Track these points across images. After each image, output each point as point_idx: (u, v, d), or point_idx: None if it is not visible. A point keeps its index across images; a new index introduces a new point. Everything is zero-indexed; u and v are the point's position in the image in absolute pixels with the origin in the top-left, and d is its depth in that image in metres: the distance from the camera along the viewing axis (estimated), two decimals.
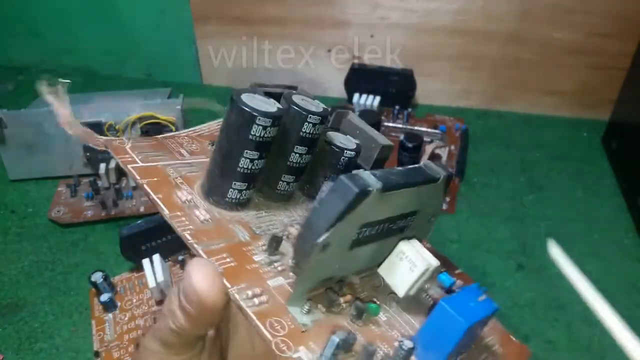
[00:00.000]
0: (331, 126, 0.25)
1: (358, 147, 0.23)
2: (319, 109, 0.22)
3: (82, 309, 0.43)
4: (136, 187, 0.53)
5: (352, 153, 0.23)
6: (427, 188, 0.20)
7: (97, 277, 0.40)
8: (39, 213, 0.53)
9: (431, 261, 0.20)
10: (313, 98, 0.23)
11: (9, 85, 0.78)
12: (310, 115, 0.21)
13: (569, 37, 0.65)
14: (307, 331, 0.17)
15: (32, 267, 0.47)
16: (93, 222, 0.52)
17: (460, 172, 0.58)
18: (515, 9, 0.64)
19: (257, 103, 0.20)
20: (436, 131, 0.62)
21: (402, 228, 0.21)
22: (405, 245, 0.21)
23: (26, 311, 0.43)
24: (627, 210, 0.54)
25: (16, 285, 0.45)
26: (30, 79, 0.80)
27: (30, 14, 0.78)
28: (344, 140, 0.24)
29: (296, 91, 0.23)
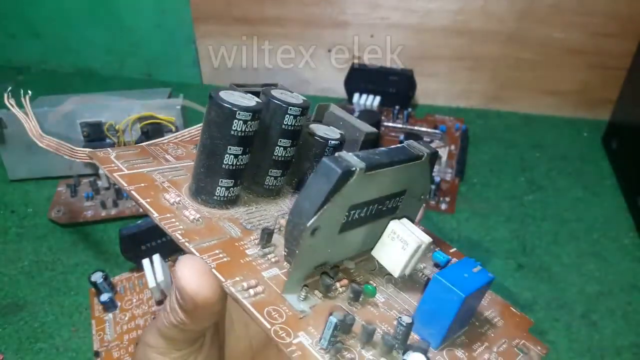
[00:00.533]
0: (314, 120, 0.25)
1: (342, 137, 0.24)
2: (299, 101, 0.22)
3: (82, 309, 0.43)
4: None
5: (337, 142, 0.23)
6: (413, 167, 0.20)
7: (97, 277, 0.40)
8: (39, 213, 0.53)
9: (423, 238, 0.20)
10: (291, 92, 0.23)
11: (9, 85, 0.78)
12: (290, 107, 0.21)
13: (569, 37, 0.65)
14: (306, 317, 0.18)
15: (32, 267, 0.47)
16: (93, 222, 0.52)
17: (460, 172, 0.58)
18: (515, 9, 0.64)
19: (236, 99, 0.20)
20: (436, 131, 0.62)
21: (393, 209, 0.21)
22: (395, 224, 0.21)
23: (26, 311, 0.43)
24: (627, 210, 0.54)
25: (16, 285, 0.45)
26: (30, 79, 0.80)
27: (30, 14, 0.78)
28: (328, 131, 0.24)
29: (274, 86, 0.23)
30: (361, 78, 0.67)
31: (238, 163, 0.21)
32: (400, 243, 0.20)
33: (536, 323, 0.42)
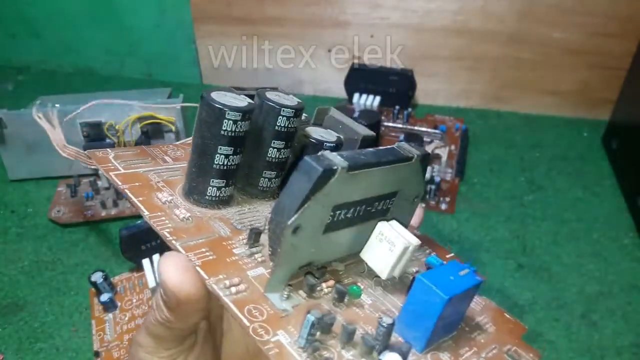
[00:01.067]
0: (314, 123, 0.25)
1: (339, 140, 0.24)
2: (293, 103, 0.22)
3: (82, 309, 0.43)
4: None
5: (332, 145, 0.23)
6: (402, 168, 0.20)
7: (97, 277, 0.40)
8: (39, 213, 0.53)
9: (410, 239, 0.20)
10: (288, 94, 0.23)
11: (9, 85, 0.78)
12: (283, 108, 0.21)
13: (569, 37, 0.65)
14: (287, 316, 0.18)
15: (32, 267, 0.47)
16: (93, 222, 0.52)
17: (460, 172, 0.58)
18: (515, 9, 0.64)
19: (227, 99, 0.20)
20: (436, 131, 0.62)
21: (384, 211, 0.21)
22: (383, 226, 0.20)
23: (26, 311, 0.43)
24: (627, 210, 0.54)
25: (16, 285, 0.45)
26: (30, 79, 0.80)
27: (30, 14, 0.78)
28: (324, 134, 0.24)
29: (274, 90, 0.23)
30: (361, 78, 0.67)
31: (229, 163, 0.21)
32: (387, 245, 0.20)
33: (536, 323, 0.42)
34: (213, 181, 0.21)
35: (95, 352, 0.37)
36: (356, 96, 0.67)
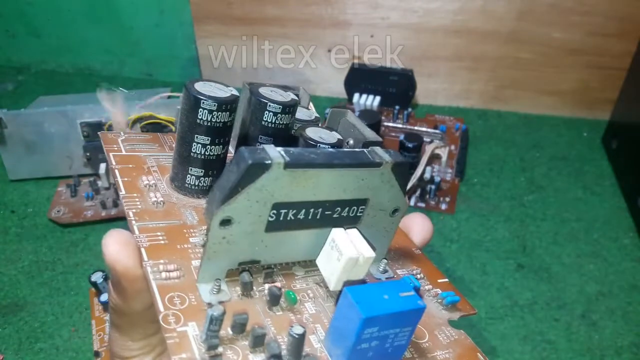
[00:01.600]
0: (327, 125, 0.25)
1: (339, 142, 0.23)
2: (286, 99, 0.22)
3: (82, 309, 0.43)
4: None
5: (327, 146, 0.22)
6: (368, 174, 0.18)
7: (97, 277, 0.40)
8: (39, 213, 0.53)
9: (362, 251, 0.18)
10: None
11: (9, 85, 0.78)
12: (269, 104, 0.21)
13: (569, 37, 0.65)
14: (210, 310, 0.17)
15: (32, 267, 0.47)
16: (93, 222, 0.52)
17: (460, 172, 0.58)
18: (515, 9, 0.64)
19: (209, 89, 0.20)
20: (436, 131, 0.62)
21: (352, 219, 0.19)
22: (338, 233, 0.19)
23: (26, 311, 0.43)
24: (627, 210, 0.54)
25: (16, 285, 0.45)
26: (30, 79, 0.80)
27: (30, 14, 0.78)
28: (325, 135, 0.23)
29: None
30: (361, 78, 0.67)
31: (207, 153, 0.21)
32: (336, 253, 0.18)
33: (536, 323, 0.42)
34: (191, 169, 0.21)
35: (95, 352, 0.37)
36: (356, 96, 0.67)
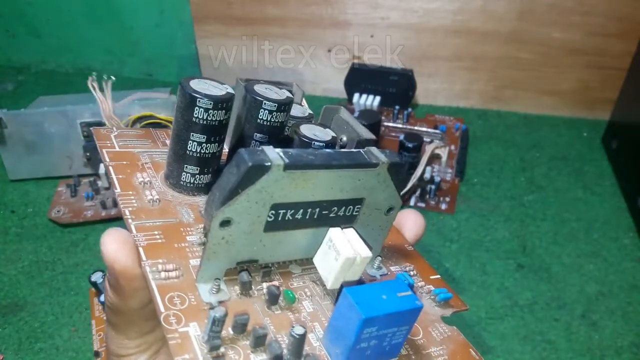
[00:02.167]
0: (321, 122, 0.25)
1: (333, 140, 0.23)
2: (281, 97, 0.22)
3: (82, 309, 0.43)
4: None
5: (322, 144, 0.22)
6: (364, 174, 0.18)
7: (97, 277, 0.40)
8: (39, 213, 0.53)
9: (359, 251, 0.18)
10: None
11: (9, 85, 0.78)
12: (265, 101, 0.21)
13: (569, 37, 0.65)
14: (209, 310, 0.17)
15: (32, 267, 0.47)
16: (93, 222, 0.52)
17: (460, 172, 0.58)
18: (515, 9, 0.64)
19: (205, 88, 0.20)
20: (436, 131, 0.62)
21: (348, 218, 0.20)
22: (335, 232, 0.19)
23: (26, 311, 0.43)
24: (627, 210, 0.54)
25: (16, 285, 0.45)
26: (30, 79, 0.80)
27: (30, 14, 0.78)
28: (319, 132, 0.23)
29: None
30: (361, 78, 0.67)
31: (202, 151, 0.21)
32: (334, 253, 0.19)
33: (536, 323, 0.42)
34: (187, 167, 0.21)
35: (95, 352, 0.37)
36: (356, 96, 0.67)
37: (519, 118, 0.70)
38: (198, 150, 0.21)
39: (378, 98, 0.66)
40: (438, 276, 0.23)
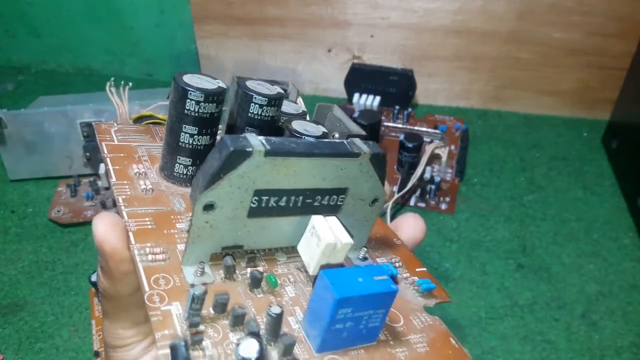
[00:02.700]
0: (314, 119, 0.25)
1: (324, 135, 0.23)
2: (272, 92, 0.22)
3: (82, 309, 0.43)
4: None
5: (312, 139, 0.22)
6: (347, 164, 0.19)
7: (97, 277, 0.40)
8: (39, 213, 0.53)
9: (340, 237, 0.19)
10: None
11: (9, 85, 0.78)
12: (255, 96, 0.22)
13: (569, 37, 0.65)
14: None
15: (32, 267, 0.47)
16: None
17: (460, 172, 0.58)
18: (515, 9, 0.64)
19: (197, 82, 0.21)
20: (436, 131, 0.62)
21: (333, 207, 0.20)
22: (318, 220, 0.20)
23: (26, 311, 0.43)
24: (627, 210, 0.54)
25: (16, 285, 0.45)
26: (30, 79, 0.80)
27: (30, 14, 0.78)
28: (311, 127, 0.23)
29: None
30: (361, 78, 0.67)
31: (194, 143, 0.22)
32: (316, 239, 0.19)
33: (536, 323, 0.42)
34: (180, 159, 0.22)
35: (95, 352, 0.37)
36: (356, 96, 0.67)
37: (519, 118, 0.70)
38: (190, 142, 0.21)
39: (378, 98, 0.66)
40: (424, 269, 0.23)
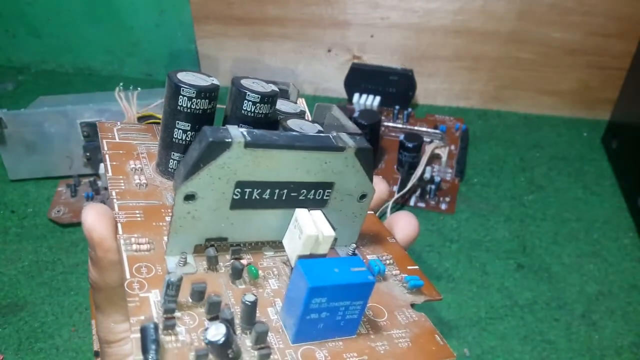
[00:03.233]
0: (314, 119, 0.25)
1: (319, 133, 0.23)
2: (265, 90, 0.22)
3: (82, 309, 0.43)
4: None
5: (296, 133, 0.23)
6: (331, 158, 0.19)
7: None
8: (39, 213, 0.53)
9: (322, 229, 0.19)
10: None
11: (9, 85, 0.78)
12: (248, 93, 0.22)
13: (569, 37, 0.65)
14: None
15: (32, 267, 0.47)
16: None
17: (460, 172, 0.58)
18: (515, 9, 0.64)
19: (191, 79, 0.21)
20: (436, 131, 0.62)
21: (319, 202, 0.20)
22: (301, 213, 0.20)
23: (26, 311, 0.43)
24: (627, 210, 0.54)
25: (16, 285, 0.45)
26: (30, 79, 0.80)
27: (30, 14, 0.78)
28: (307, 126, 0.23)
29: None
30: (361, 78, 0.67)
31: (188, 139, 0.22)
32: (298, 232, 0.19)
33: (536, 323, 0.42)
34: (173, 154, 0.22)
35: (95, 352, 0.37)
36: (356, 96, 0.67)
37: (519, 118, 0.70)
38: (183, 137, 0.22)
39: (378, 98, 0.66)
40: (416, 267, 0.23)
